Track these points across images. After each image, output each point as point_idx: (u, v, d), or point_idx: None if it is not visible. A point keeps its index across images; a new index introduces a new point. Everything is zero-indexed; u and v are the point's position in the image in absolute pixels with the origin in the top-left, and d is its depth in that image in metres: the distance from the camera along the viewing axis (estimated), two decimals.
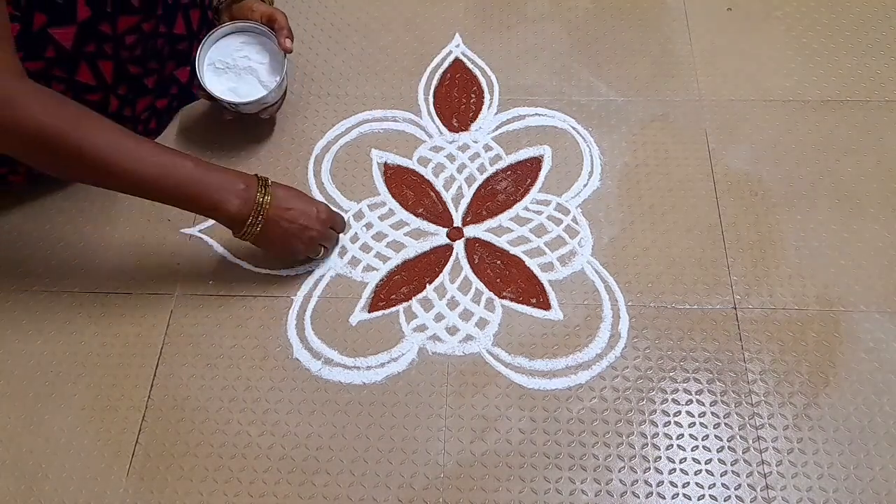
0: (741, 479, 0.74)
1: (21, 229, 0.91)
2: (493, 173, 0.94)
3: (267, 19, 0.91)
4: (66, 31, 0.78)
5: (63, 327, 0.85)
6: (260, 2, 0.93)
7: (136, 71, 0.88)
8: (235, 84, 0.91)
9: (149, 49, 0.88)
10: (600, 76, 1.01)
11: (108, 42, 0.82)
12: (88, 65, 0.82)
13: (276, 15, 0.91)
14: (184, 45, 0.93)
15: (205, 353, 0.83)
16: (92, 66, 0.82)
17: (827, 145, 0.94)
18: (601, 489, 0.74)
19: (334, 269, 0.88)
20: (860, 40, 1.03)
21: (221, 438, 0.78)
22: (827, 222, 0.88)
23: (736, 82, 0.99)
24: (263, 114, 0.92)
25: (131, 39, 0.84)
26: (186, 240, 0.90)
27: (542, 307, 0.84)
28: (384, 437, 0.77)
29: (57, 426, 0.79)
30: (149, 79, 0.91)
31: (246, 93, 0.90)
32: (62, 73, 0.80)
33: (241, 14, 0.92)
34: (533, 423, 0.78)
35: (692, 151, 0.94)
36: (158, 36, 0.88)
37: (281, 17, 0.91)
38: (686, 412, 0.78)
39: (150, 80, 0.91)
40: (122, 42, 0.83)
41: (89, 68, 0.82)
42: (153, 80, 0.92)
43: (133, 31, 0.83)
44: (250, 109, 0.90)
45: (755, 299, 0.84)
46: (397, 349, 0.82)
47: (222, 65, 0.91)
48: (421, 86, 1.01)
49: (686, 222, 0.89)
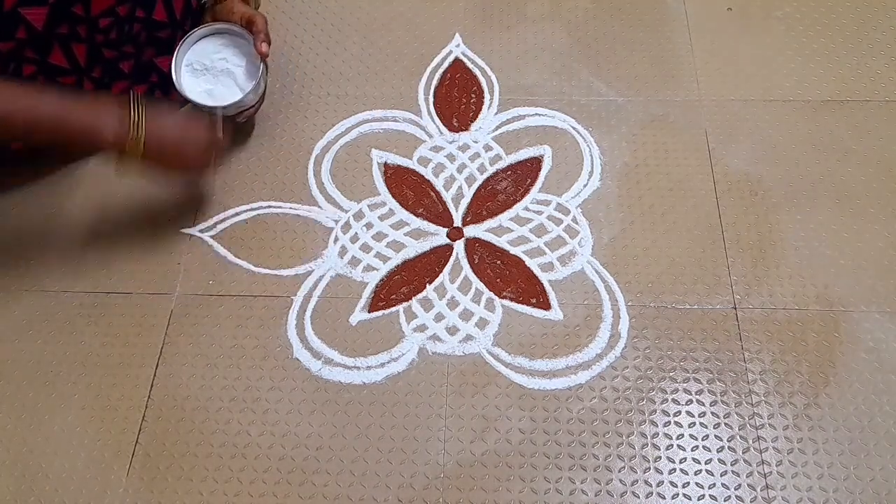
0: (741, 479, 0.74)
1: (21, 229, 0.91)
2: (494, 173, 0.94)
3: (246, 21, 0.90)
4: (38, 11, 0.77)
5: (63, 327, 0.85)
6: (241, 3, 0.92)
7: (110, 55, 0.87)
8: (212, 86, 0.90)
9: (124, 33, 0.87)
10: (600, 76, 1.01)
11: (81, 24, 0.81)
12: (61, 47, 0.81)
13: (255, 18, 0.90)
14: (165, 33, 0.92)
15: (205, 353, 0.83)
16: (65, 49, 0.82)
17: (827, 145, 0.94)
18: (601, 489, 0.74)
19: (334, 269, 0.88)
20: (860, 40, 1.03)
21: (221, 438, 0.78)
22: (827, 222, 0.88)
23: (736, 82, 0.99)
24: (240, 118, 0.91)
25: (105, 22, 0.83)
26: (186, 240, 0.90)
27: (542, 307, 0.84)
28: (384, 437, 0.77)
29: (57, 426, 0.79)
30: (124, 63, 0.90)
31: (222, 95, 0.89)
32: (34, 54, 0.79)
33: (222, 15, 0.92)
34: (533, 423, 0.78)
35: (692, 151, 0.94)
36: (135, 20, 0.87)
37: (260, 21, 0.90)
38: (686, 412, 0.78)
39: (125, 64, 0.90)
40: (96, 25, 0.82)
41: (62, 50, 0.81)
42: (129, 64, 0.90)
43: (107, 13, 0.83)
44: (227, 112, 0.89)
45: (755, 299, 0.84)
46: (397, 349, 0.82)
47: (200, 66, 0.91)
48: (421, 86, 1.01)
49: (686, 222, 0.89)
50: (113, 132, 0.74)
